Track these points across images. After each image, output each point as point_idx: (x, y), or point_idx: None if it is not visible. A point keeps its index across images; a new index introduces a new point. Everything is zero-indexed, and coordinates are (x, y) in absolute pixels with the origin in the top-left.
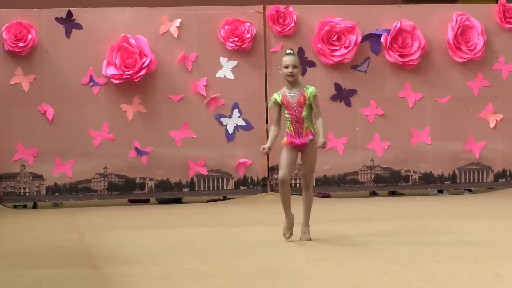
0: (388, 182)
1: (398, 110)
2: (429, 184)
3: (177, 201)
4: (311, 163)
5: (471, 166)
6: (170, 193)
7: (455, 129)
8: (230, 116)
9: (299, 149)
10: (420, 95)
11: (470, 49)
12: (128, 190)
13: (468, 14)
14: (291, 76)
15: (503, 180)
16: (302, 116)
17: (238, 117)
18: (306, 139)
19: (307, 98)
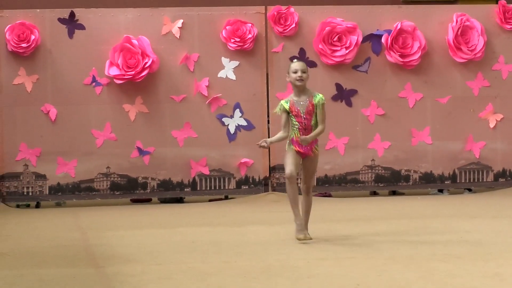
0: (389, 181)
1: (398, 110)
2: (429, 184)
3: (179, 200)
4: (313, 169)
5: (471, 166)
6: (172, 193)
7: (455, 129)
8: (231, 116)
9: (303, 156)
10: (420, 95)
11: (470, 50)
12: (131, 190)
13: (468, 14)
14: (300, 80)
15: (503, 179)
16: (311, 125)
17: (240, 117)
18: (312, 146)
19: (315, 105)
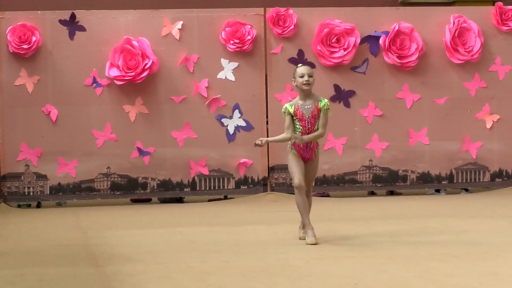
0: (387, 181)
1: (396, 111)
2: (426, 184)
3: (179, 200)
4: (314, 172)
5: (468, 166)
6: (172, 193)
7: (452, 130)
8: (231, 117)
9: (305, 161)
10: (418, 96)
11: (467, 51)
12: (131, 190)
13: (465, 16)
14: (307, 84)
15: (500, 179)
16: (314, 129)
17: (239, 117)
18: (313, 151)
19: (320, 110)
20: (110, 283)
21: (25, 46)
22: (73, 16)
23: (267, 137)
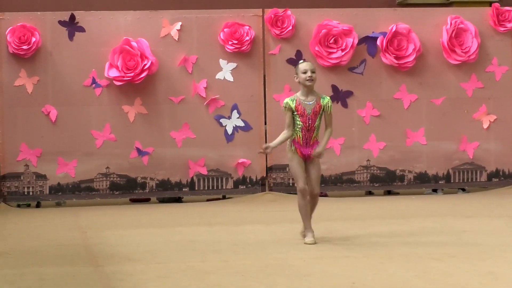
0: (384, 181)
1: (393, 111)
2: (424, 184)
3: (178, 200)
4: (318, 172)
5: (465, 166)
6: (170, 193)
7: (450, 130)
8: (229, 117)
9: (305, 159)
10: (415, 96)
11: (464, 52)
12: (130, 190)
13: (462, 17)
14: (310, 80)
15: (496, 179)
16: (315, 126)
17: (237, 118)
18: (313, 148)
19: (322, 107)
20: (109, 282)
21: (24, 47)
22: (72, 17)
23: (266, 137)
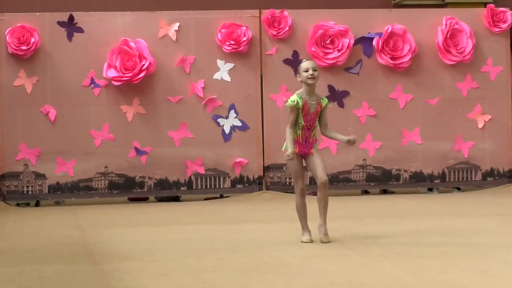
0: (380, 180)
1: (389, 111)
2: (419, 183)
3: (175, 199)
4: (322, 161)
5: (460, 165)
6: (168, 192)
7: (445, 129)
8: (226, 117)
9: (303, 156)
10: (410, 96)
11: (459, 52)
12: (128, 189)
13: (457, 18)
14: (312, 78)
15: (491, 178)
16: (315, 125)
17: (235, 117)
18: (311, 146)
19: (322, 107)
20: (107, 280)
21: (24, 47)
22: (71, 18)
23: (263, 137)
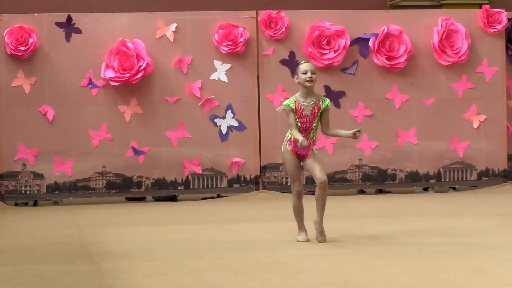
0: (376, 180)
1: (385, 111)
2: (415, 183)
3: (173, 199)
4: (320, 161)
5: (455, 165)
6: (166, 191)
7: (440, 130)
8: (223, 117)
9: (300, 158)
10: (406, 96)
11: (455, 53)
12: (126, 188)
13: (452, 19)
14: (310, 81)
15: (486, 178)
16: (312, 127)
17: (232, 118)
18: (309, 149)
19: (321, 109)
20: (105, 279)
21: (22, 48)
22: (69, 19)
23: (260, 137)
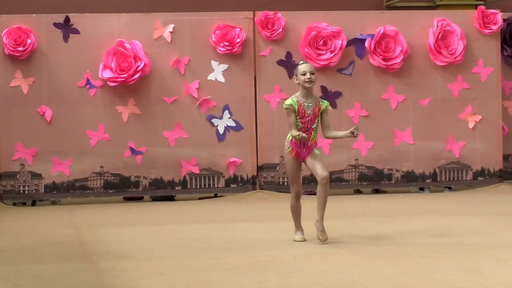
0: (372, 180)
1: (381, 112)
2: (411, 182)
3: (170, 198)
4: (321, 159)
5: (451, 165)
6: (163, 191)
7: (436, 130)
8: (221, 117)
9: (301, 160)
10: (402, 97)
11: (451, 53)
12: (123, 188)
13: (448, 19)
14: (309, 82)
15: (482, 178)
16: (313, 127)
17: (229, 118)
18: (310, 150)
19: (321, 110)
20: (103, 279)
21: (20, 49)
22: (67, 20)
23: (256, 137)
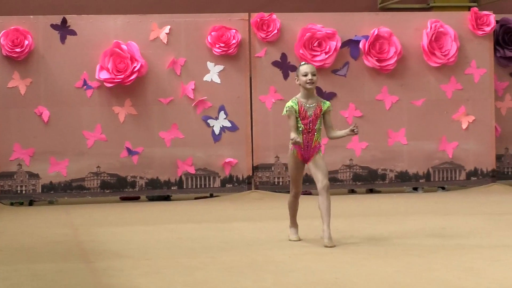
0: (366, 180)
1: (375, 112)
2: (404, 182)
3: (166, 198)
4: (324, 164)
5: (444, 165)
6: (159, 191)
7: (430, 130)
8: (216, 118)
9: (305, 161)
10: (396, 98)
11: (444, 54)
12: (120, 188)
13: (442, 21)
14: (310, 83)
15: (475, 178)
16: (315, 128)
17: (224, 118)
18: (314, 151)
19: (322, 111)
20: (100, 278)
21: (17, 50)
22: (64, 21)
23: (252, 137)
